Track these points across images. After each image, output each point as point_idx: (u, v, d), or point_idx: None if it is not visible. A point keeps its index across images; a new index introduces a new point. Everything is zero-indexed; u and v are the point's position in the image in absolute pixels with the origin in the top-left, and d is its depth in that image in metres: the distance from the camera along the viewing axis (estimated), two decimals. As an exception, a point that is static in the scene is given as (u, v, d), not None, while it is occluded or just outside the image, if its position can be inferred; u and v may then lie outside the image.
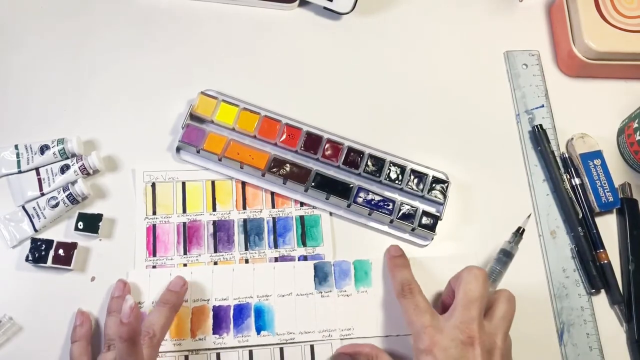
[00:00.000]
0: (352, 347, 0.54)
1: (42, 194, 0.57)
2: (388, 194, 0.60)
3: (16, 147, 0.58)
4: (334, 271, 0.57)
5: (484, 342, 0.47)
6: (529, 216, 0.58)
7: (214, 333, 0.54)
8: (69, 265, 0.55)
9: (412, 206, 0.59)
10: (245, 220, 0.59)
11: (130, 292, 0.55)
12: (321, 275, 0.57)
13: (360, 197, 0.59)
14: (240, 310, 0.55)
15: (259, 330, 0.55)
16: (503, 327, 0.50)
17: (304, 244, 0.59)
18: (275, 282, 0.56)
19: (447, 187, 0.60)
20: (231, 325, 0.55)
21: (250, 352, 0.54)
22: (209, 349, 0.54)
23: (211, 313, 0.55)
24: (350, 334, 0.55)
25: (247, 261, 0.57)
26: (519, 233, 0.57)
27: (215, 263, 0.57)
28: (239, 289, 0.56)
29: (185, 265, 0.57)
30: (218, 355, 0.54)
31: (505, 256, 0.57)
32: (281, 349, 0.54)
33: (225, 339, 0.54)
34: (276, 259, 0.58)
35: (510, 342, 0.50)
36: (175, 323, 0.54)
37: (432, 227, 0.59)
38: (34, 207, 0.56)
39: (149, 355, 0.48)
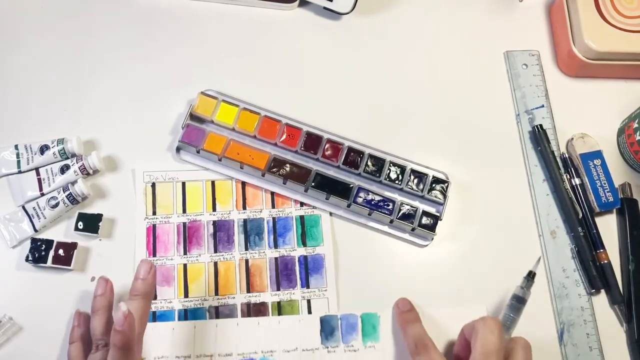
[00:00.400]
0: None
1: (42, 194, 0.57)
2: (388, 194, 0.60)
3: (16, 147, 0.58)
4: (341, 325, 0.56)
5: None
6: (539, 259, 0.57)
7: None
8: (69, 265, 0.55)
9: (412, 206, 0.59)
10: (245, 220, 0.59)
11: (113, 289, 0.54)
12: (328, 329, 0.55)
13: (360, 197, 0.59)
14: None
15: None
16: None
17: (304, 244, 0.59)
18: (280, 337, 0.55)
19: (447, 187, 0.60)
20: None
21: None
22: None
23: None
24: None
25: (247, 261, 0.58)
26: (530, 277, 0.56)
27: (216, 263, 0.57)
28: (244, 344, 0.54)
29: (185, 265, 0.57)
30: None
31: (518, 302, 0.55)
32: None
33: None
34: (276, 259, 0.58)
35: None
36: None
37: (432, 227, 0.59)
38: (34, 207, 0.56)
39: None
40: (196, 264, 0.57)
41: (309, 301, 0.57)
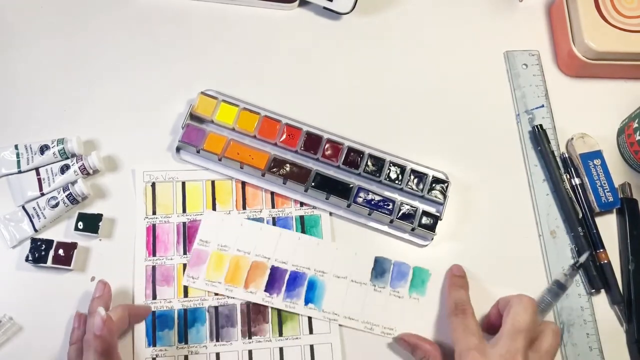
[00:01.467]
0: (415, 338, 0.54)
1: (42, 194, 0.57)
2: (388, 194, 0.60)
3: (16, 147, 0.58)
4: (393, 270, 0.58)
5: None
6: (589, 253, 0.57)
7: (265, 290, 0.56)
8: (69, 265, 0.55)
9: (412, 206, 0.59)
10: (245, 220, 0.59)
11: (111, 292, 0.54)
12: (379, 269, 0.58)
13: (360, 197, 0.59)
14: (295, 278, 0.57)
15: (307, 301, 0.56)
16: None
17: (304, 244, 0.59)
18: (334, 262, 0.57)
19: (447, 187, 0.60)
20: (283, 288, 0.56)
21: (250, 353, 0.55)
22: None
23: (268, 271, 0.57)
24: (391, 333, 0.56)
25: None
26: (576, 267, 0.56)
27: (215, 263, 0.58)
28: (300, 257, 0.57)
29: (185, 265, 0.57)
30: (218, 355, 0.54)
31: (558, 287, 0.55)
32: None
33: (274, 299, 0.56)
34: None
35: None
36: (233, 270, 0.56)
37: (432, 227, 0.58)
38: (34, 207, 0.56)
39: None
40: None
41: (309, 301, 0.57)
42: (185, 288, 0.56)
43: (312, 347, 0.55)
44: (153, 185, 0.59)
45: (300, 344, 0.55)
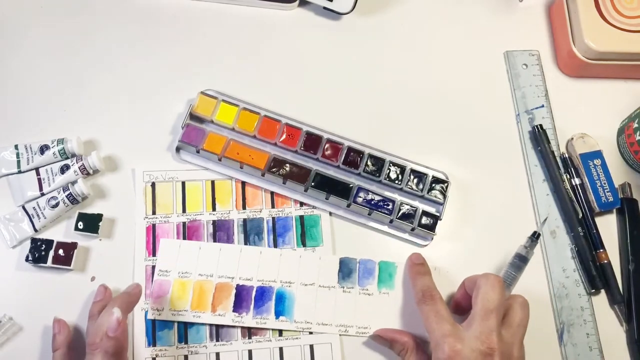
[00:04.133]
0: (392, 332, 0.55)
1: (42, 194, 0.57)
2: (388, 193, 0.60)
3: (16, 147, 0.59)
4: (359, 269, 0.58)
5: (502, 353, 0.48)
6: (544, 220, 0.57)
7: (234, 311, 0.55)
8: (69, 265, 0.55)
9: (411, 206, 0.59)
10: (245, 220, 0.59)
11: (112, 296, 0.54)
12: (345, 270, 0.57)
13: (360, 197, 0.59)
14: (262, 293, 0.56)
15: (278, 314, 0.55)
16: (519, 336, 0.50)
17: (304, 244, 0.59)
18: (300, 271, 0.57)
19: (446, 187, 0.60)
20: (251, 306, 0.56)
21: (250, 353, 0.54)
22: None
23: (234, 291, 0.56)
24: (366, 332, 0.56)
25: (246, 261, 0.58)
26: (534, 237, 0.57)
27: (215, 263, 0.57)
28: (264, 271, 0.57)
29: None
30: (218, 355, 0.54)
31: (520, 261, 0.56)
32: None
33: (244, 318, 0.55)
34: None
35: (524, 351, 0.50)
36: (198, 295, 0.55)
37: (431, 227, 0.58)
38: (34, 207, 0.56)
39: None
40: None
41: (308, 301, 0.57)
42: (185, 288, 0.56)
43: (312, 347, 0.55)
44: (153, 185, 0.59)
45: (300, 344, 0.55)
